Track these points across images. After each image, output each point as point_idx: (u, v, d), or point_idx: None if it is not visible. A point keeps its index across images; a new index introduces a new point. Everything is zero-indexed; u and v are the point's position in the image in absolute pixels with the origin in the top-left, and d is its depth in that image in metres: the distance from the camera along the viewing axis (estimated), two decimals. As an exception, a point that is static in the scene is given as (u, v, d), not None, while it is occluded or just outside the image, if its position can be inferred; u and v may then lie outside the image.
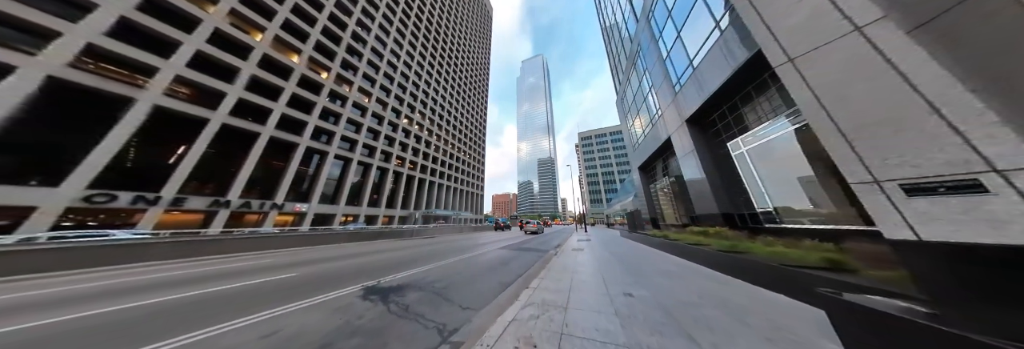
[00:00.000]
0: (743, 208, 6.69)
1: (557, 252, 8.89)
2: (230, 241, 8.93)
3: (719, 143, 7.55)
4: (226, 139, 16.69)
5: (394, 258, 7.44)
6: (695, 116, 8.24)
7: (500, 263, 6.83)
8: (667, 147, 11.78)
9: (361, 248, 10.31)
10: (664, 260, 6.44)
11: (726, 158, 7.23)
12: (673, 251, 7.24)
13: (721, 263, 4.74)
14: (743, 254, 4.43)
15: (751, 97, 6.11)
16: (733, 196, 7.05)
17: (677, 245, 7.03)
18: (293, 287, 4.24)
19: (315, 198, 22.07)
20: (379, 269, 5.72)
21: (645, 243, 10.31)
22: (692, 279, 4.28)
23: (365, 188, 28.47)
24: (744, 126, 6.44)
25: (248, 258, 7.76)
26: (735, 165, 6.19)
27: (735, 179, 6.84)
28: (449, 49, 52.77)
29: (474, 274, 5.38)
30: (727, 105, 6.96)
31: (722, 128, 7.33)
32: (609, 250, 8.98)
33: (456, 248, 10.56)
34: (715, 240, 6.03)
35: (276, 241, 10.03)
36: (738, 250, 4.72)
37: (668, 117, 10.34)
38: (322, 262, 6.73)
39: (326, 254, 8.45)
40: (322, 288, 4.13)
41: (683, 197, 10.60)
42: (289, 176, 19.92)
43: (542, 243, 13.38)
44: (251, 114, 18.09)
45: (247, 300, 3.58)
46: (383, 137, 31.86)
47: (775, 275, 3.44)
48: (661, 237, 8.98)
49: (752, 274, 3.88)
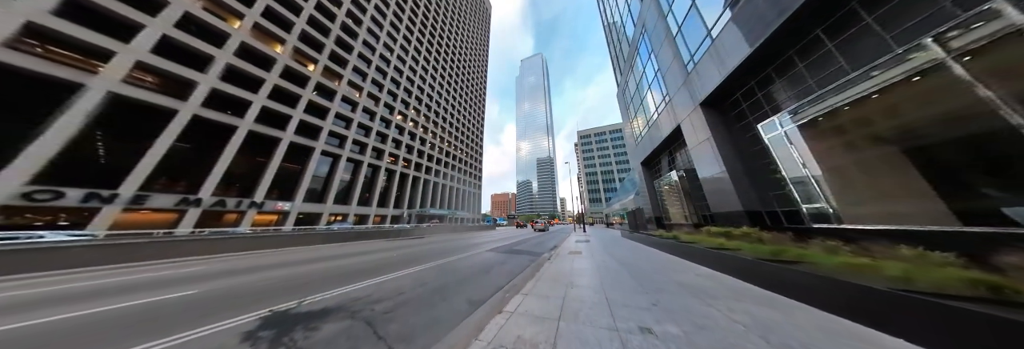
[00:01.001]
0: (776, 204, 5.51)
1: (552, 255, 7.72)
2: (177, 244, 7.75)
3: (744, 127, 6.37)
4: (200, 133, 15.51)
5: (357, 265, 6.27)
6: (712, 97, 7.04)
7: (481, 270, 5.65)
8: (675, 138, 10.58)
9: (332, 251, 9.14)
10: (681, 268, 5.25)
11: (754, 144, 6.04)
12: (690, 256, 6.05)
13: (765, 276, 3.56)
14: (796, 265, 3.24)
15: (793, 63, 4.91)
16: (761, 190, 5.87)
17: (694, 249, 5.85)
18: (164, 315, 3.01)
19: (299, 196, 20.89)
20: (321, 281, 4.54)
21: (652, 245, 9.13)
22: (732, 301, 3.09)
23: (355, 186, 27.30)
24: (779, 104, 5.26)
25: (184, 264, 6.58)
26: (769, 151, 5.01)
27: (766, 169, 5.66)
28: (445, 44, 51.56)
29: (440, 287, 4.20)
30: (757, 79, 5.77)
31: (749, 108, 6.14)
32: (611, 253, 7.81)
33: (440, 250, 9.40)
34: (746, 244, 4.84)
35: (235, 243, 8.85)
36: (787, 259, 3.53)
37: (677, 103, 9.14)
38: (259, 271, 5.52)
39: (281, 258, 7.29)
40: (208, 315, 2.93)
41: (694, 194, 9.41)
42: (270, 173, 18.74)
43: (537, 244, 12.20)
44: (228, 106, 16.91)
45: (61, 340, 2.40)
46: (374, 133, 30.69)
47: (873, 301, 2.25)
48: (671, 239, 7.80)
49: (823, 296, 2.69)
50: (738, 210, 6.37)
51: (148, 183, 13.14)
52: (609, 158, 67.20)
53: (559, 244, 12.08)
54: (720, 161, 6.87)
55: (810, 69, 4.56)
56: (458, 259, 7.25)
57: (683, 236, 7.59)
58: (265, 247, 9.54)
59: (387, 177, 33.57)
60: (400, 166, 34.64)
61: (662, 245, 8.07)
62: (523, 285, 4.22)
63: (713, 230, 6.38)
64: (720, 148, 6.90)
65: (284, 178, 21.13)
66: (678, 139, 10.51)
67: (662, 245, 8.07)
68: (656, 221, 14.53)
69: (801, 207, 4.46)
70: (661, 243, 8.21)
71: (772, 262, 3.53)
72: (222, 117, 16.09)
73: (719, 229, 6.17)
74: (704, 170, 7.87)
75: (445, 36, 51.67)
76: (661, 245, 8.17)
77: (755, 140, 6.02)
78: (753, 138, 6.09)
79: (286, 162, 21.27)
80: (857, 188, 3.92)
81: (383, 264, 6.30)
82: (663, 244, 8.01)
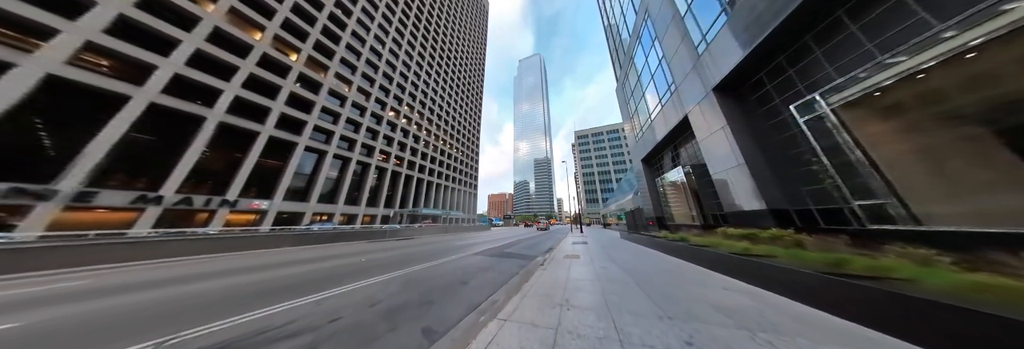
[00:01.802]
0: (810, 201, 4.65)
1: (545, 260, 6.76)
2: (104, 248, 6.54)
3: (768, 112, 5.51)
4: (163, 124, 14.18)
5: (311, 273, 5.21)
6: (729, 80, 6.18)
7: (458, 280, 4.65)
8: (680, 131, 9.73)
9: (296, 255, 8.02)
10: (702, 279, 4.33)
11: (780, 131, 5.18)
12: (708, 263, 5.14)
13: (830, 297, 2.63)
14: (875, 281, 2.34)
15: (841, 26, 4.03)
16: (789, 186, 5.00)
17: (711, 255, 4.95)
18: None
19: (279, 194, 19.56)
20: (237, 300, 3.46)
21: (656, 248, 8.24)
22: (802, 337, 2.15)
23: (342, 184, 25.98)
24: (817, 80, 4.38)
25: (87, 274, 5.39)
26: (805, 138, 4.13)
27: (796, 161, 4.80)
28: (441, 40, 50.39)
29: (395, 309, 3.20)
30: (788, 53, 4.90)
31: (776, 89, 5.27)
32: (613, 258, 6.88)
33: (422, 253, 8.37)
34: (779, 249, 3.95)
35: (187, 246, 7.67)
36: (857, 273, 2.62)
37: (685, 91, 8.28)
38: (167, 285, 4.27)
39: (225, 265, 6.16)
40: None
41: (703, 191, 8.57)
42: (246, 169, 17.40)
43: (530, 247, 11.23)
44: (196, 95, 15.56)
45: None
46: (364, 129, 29.40)
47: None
48: (679, 241, 6.92)
49: (973, 342, 1.76)
50: (759, 209, 5.51)
51: (102, 178, 11.80)
52: (606, 159, 66.80)
53: (555, 246, 11.15)
54: (737, 153, 6.00)
55: (867, 30, 3.70)
56: (436, 265, 6.23)
57: (694, 238, 6.70)
58: (223, 250, 8.37)
59: (377, 175, 32.27)
60: (392, 164, 33.37)
61: (669, 248, 7.18)
62: (504, 304, 3.24)
63: (731, 232, 5.50)
64: (737, 138, 6.04)
65: (264, 175, 19.81)
66: (684, 132, 9.68)
67: (669, 248, 7.18)
68: (657, 221, 13.70)
69: (852, 204, 3.58)
70: (668, 246, 7.31)
71: (835, 277, 2.61)
72: (188, 107, 14.75)
73: (739, 231, 5.29)
74: (716, 164, 7.01)
75: (440, 32, 50.51)
76: (668, 248, 7.28)
77: (782, 126, 5.17)
78: (779, 124, 5.24)
79: (266, 158, 19.94)
80: (932, 180, 3.05)
81: (344, 272, 5.26)
82: (670, 247, 7.11)
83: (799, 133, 4.68)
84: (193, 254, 7.75)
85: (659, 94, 10.79)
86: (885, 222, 3.30)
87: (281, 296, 3.58)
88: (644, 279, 4.34)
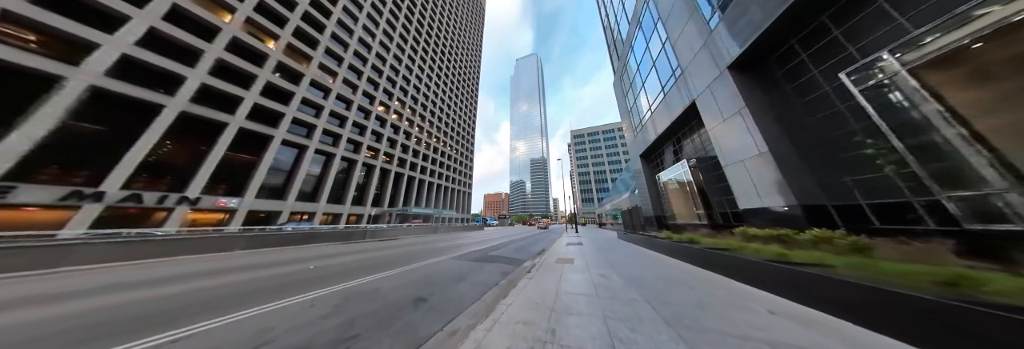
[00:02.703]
0: (859, 196, 3.74)
1: (535, 265, 5.74)
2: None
3: (800, 88, 4.58)
4: (112, 112, 12.64)
5: (220, 288, 4.04)
6: (750, 53, 5.25)
7: (414, 297, 3.57)
8: (686, 120, 8.83)
9: (238, 260, 6.79)
10: (730, 295, 3.36)
11: (817, 109, 4.26)
12: (730, 271, 4.18)
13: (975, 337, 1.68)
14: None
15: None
16: (832, 175, 4.09)
17: (733, 261, 4.00)
18: None
19: (251, 192, 18.06)
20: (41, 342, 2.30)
21: (659, 250, 7.31)
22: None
23: (325, 182, 24.51)
24: (878, 39, 3.44)
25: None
26: (862, 113, 3.20)
27: (843, 144, 3.89)
28: (435, 35, 48.94)
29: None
30: (833, 9, 3.95)
31: (812, 58, 4.32)
32: (612, 262, 5.91)
33: (394, 257, 7.27)
34: (831, 256, 3.01)
35: (87, 253, 6.32)
36: (1000, 299, 1.66)
37: (693, 74, 7.36)
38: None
39: (114, 278, 4.91)
40: None
41: (711, 187, 7.67)
42: (211, 163, 15.88)
43: (520, 248, 10.19)
44: (153, 81, 14.00)
45: None
46: (351, 123, 27.92)
47: None
48: (686, 243, 5.99)
49: None
50: (787, 205, 4.59)
51: (28, 172, 10.26)
52: (602, 158, 66.41)
53: (547, 247, 10.16)
54: (758, 140, 5.08)
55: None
56: (401, 273, 5.14)
57: (704, 240, 5.78)
58: (150, 255, 7.05)
59: (365, 173, 30.81)
60: (380, 161, 31.92)
61: (676, 251, 6.24)
62: (464, 337, 2.19)
63: (754, 233, 4.57)
64: (759, 122, 5.11)
65: (236, 170, 18.30)
66: (689, 122, 8.78)
67: (676, 251, 6.24)
68: (656, 221, 12.85)
69: (940, 197, 2.64)
70: (674, 248, 6.37)
71: (976, 307, 1.65)
72: (142, 93, 13.20)
73: (764, 231, 4.36)
74: (730, 155, 6.09)
75: (434, 26, 49.02)
76: (674, 251, 6.34)
77: (820, 104, 4.25)
78: (816, 102, 4.31)
79: (238, 152, 18.41)
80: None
81: (272, 285, 4.11)
82: (677, 250, 6.17)
83: (847, 109, 3.75)
84: (112, 260, 6.45)
85: (661, 82, 9.89)
86: (994, 221, 2.37)
87: (127, 332, 2.40)
88: (657, 295, 3.34)
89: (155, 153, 14.36)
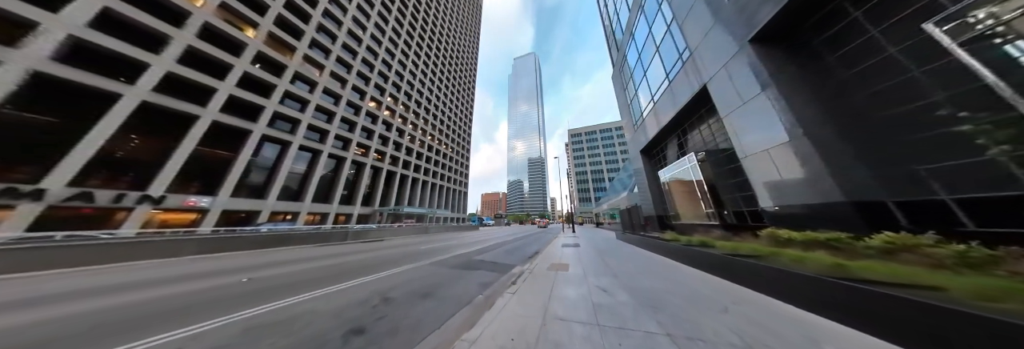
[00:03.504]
0: (948, 188, 2.86)
1: (523, 273, 4.82)
2: None
3: (846, 56, 3.70)
4: (61, 101, 11.42)
5: (73, 319, 3.03)
6: (777, 23, 4.37)
7: (346, 328, 2.59)
8: (693, 109, 7.96)
9: (167, 270, 5.73)
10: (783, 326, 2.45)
11: (875, 79, 3.38)
12: (779, 290, 3.28)
13: None
14: None
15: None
16: (895, 163, 3.22)
17: (779, 275, 3.11)
18: None
19: (226, 190, 16.86)
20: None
21: (666, 253, 6.44)
22: None
23: (310, 180, 23.32)
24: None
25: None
26: (960, 74, 2.33)
27: (915, 121, 3.02)
28: (429, 30, 47.73)
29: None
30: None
31: (871, 15, 3.41)
32: (613, 270, 5.01)
33: (363, 264, 6.30)
34: (925, 273, 2.13)
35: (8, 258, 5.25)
36: None
37: (704, 55, 6.49)
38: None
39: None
40: None
41: (724, 182, 6.82)
42: (179, 159, 14.68)
43: (511, 251, 9.26)
44: (111, 69, 12.76)
45: None
46: (339, 119, 26.74)
47: None
48: (698, 246, 5.12)
49: None
50: (827, 202, 3.73)
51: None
52: (599, 157, 65.87)
53: (541, 249, 9.25)
54: (788, 124, 4.21)
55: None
56: (354, 287, 4.17)
57: (720, 244, 4.91)
58: (68, 264, 5.93)
59: (355, 171, 29.63)
60: (371, 159, 30.76)
61: (687, 256, 5.35)
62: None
63: (788, 236, 3.69)
64: (789, 102, 4.24)
65: (213, 168, 17.10)
66: (698, 110, 7.91)
67: (687, 256, 5.35)
68: (658, 221, 12.02)
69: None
70: (684, 253, 5.48)
71: None
72: (94, 80, 11.97)
73: (805, 235, 3.48)
74: (750, 145, 5.23)
75: (429, 19, 47.81)
76: (685, 256, 5.45)
77: (878, 73, 3.36)
78: (872, 72, 3.42)
79: (216, 148, 17.21)
80: None
81: (163, 310, 3.09)
82: (688, 255, 5.29)
83: (927, 74, 2.86)
84: (19, 270, 5.36)
85: (666, 70, 9.02)
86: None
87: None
88: (681, 324, 2.42)
89: (119, 148, 13.15)
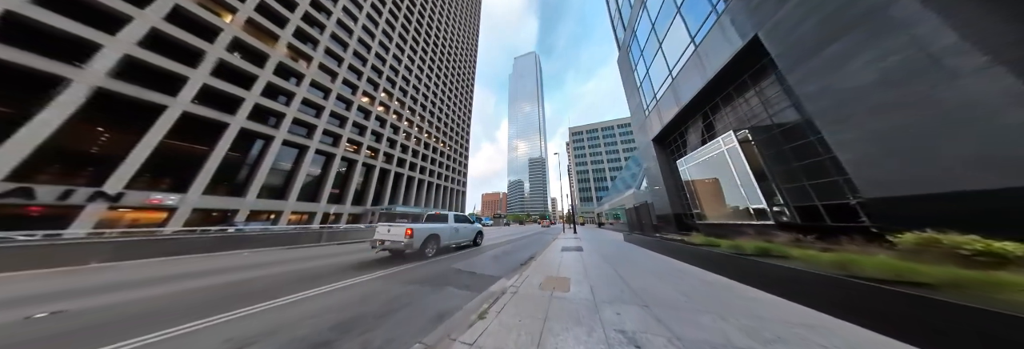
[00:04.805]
0: None
1: (505, 292, 3.21)
2: None
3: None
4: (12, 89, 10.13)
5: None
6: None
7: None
8: (734, 72, 6.25)
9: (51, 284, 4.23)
10: None
11: None
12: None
13: None
14: None
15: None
16: None
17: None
18: None
19: (197, 187, 15.49)
20: None
21: (697, 262, 4.75)
22: None
23: (295, 177, 21.96)
24: None
25: None
26: None
27: None
28: (425, 21, 46.40)
29: None
30: None
31: None
32: (634, 288, 3.35)
33: (292, 276, 4.77)
34: None
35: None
36: None
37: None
38: None
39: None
40: None
41: (787, 166, 5.10)
42: (141, 153, 13.33)
43: (501, 256, 7.62)
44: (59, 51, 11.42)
45: None
46: (328, 114, 25.41)
47: None
48: (761, 255, 3.45)
49: None
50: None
51: None
52: (601, 156, 64.04)
53: (537, 253, 7.61)
54: (957, 50, 2.56)
55: None
56: (218, 326, 2.60)
57: (794, 252, 3.24)
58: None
59: (346, 168, 28.28)
60: (363, 156, 29.40)
61: (739, 269, 3.65)
62: None
63: (983, 247, 2.02)
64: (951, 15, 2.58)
65: (189, 163, 15.81)
66: (740, 75, 6.19)
67: (739, 269, 3.65)
68: (675, 219, 10.29)
69: None
70: (736, 265, 3.78)
71: None
72: (35, 61, 10.62)
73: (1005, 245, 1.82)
74: (855, 101, 3.53)
75: (425, 14, 46.46)
76: (736, 269, 3.73)
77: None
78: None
79: (190, 142, 15.90)
80: None
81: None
82: (742, 268, 3.58)
83: None
84: None
85: (691, 32, 7.33)
86: None
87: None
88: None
89: (75, 140, 11.80)
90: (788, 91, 4.60)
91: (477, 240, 9.56)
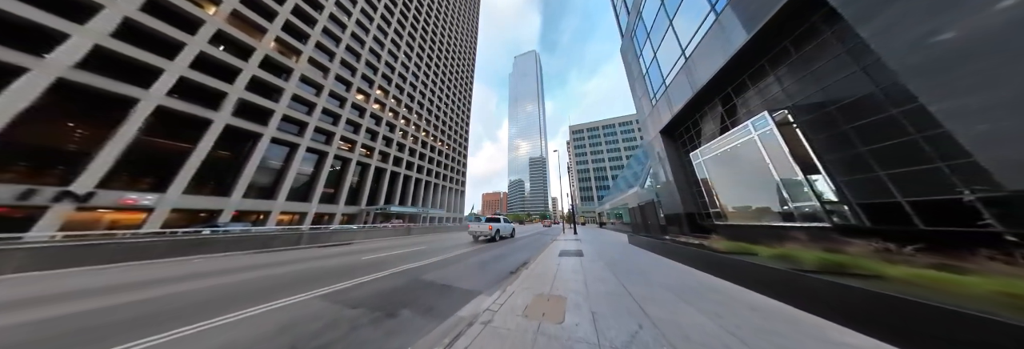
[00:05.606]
0: None
1: (474, 322, 2.23)
2: None
3: None
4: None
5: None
6: None
7: None
8: (763, 44, 5.16)
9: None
10: None
11: None
12: None
13: None
14: None
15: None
16: None
17: None
18: None
19: (176, 187, 14.68)
20: None
21: (728, 276, 3.68)
22: None
23: (285, 176, 21.12)
24: None
25: None
26: None
27: None
28: (422, 17, 45.44)
29: None
30: None
31: None
32: (654, 318, 2.36)
33: (214, 293, 3.83)
34: None
35: None
36: None
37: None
38: None
39: None
40: None
41: (849, 151, 4.01)
42: (112, 151, 12.51)
43: (489, 262, 6.61)
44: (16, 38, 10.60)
45: None
46: (321, 111, 24.55)
47: None
48: (845, 269, 2.40)
49: None
50: None
51: None
52: (602, 155, 62.70)
53: (532, 258, 6.60)
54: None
55: None
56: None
57: (892, 271, 2.22)
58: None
59: (339, 167, 27.43)
60: (358, 155, 28.56)
61: (812, 298, 2.56)
62: None
63: None
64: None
65: (169, 162, 15.02)
66: (772, 48, 5.09)
67: (812, 298, 2.56)
68: (687, 220, 9.20)
69: None
70: (805, 290, 2.70)
71: None
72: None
73: None
74: (1008, 41, 2.48)
75: (422, 9, 45.50)
76: (808, 297, 2.65)
77: None
78: None
79: (172, 140, 15.11)
80: None
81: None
82: (817, 295, 2.51)
83: None
84: None
85: (710, 4, 6.26)
86: None
87: None
88: None
89: (38, 136, 10.99)
90: (854, 52, 3.53)
91: (513, 234, 15.47)
